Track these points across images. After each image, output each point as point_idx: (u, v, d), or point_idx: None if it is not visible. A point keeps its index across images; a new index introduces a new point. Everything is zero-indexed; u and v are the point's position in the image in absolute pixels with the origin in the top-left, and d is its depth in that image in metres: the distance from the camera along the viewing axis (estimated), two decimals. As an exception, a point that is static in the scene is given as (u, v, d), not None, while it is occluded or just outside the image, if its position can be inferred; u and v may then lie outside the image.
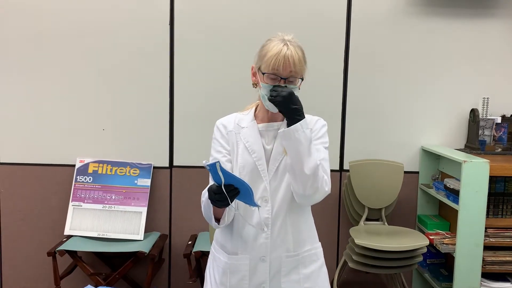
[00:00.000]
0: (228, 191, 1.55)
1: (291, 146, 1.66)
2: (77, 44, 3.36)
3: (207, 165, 1.50)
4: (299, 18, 3.36)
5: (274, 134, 1.80)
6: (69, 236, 3.27)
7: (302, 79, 1.76)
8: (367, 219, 3.39)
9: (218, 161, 1.50)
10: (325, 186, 1.72)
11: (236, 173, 1.78)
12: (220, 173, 1.51)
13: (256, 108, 1.87)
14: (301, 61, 1.72)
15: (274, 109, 1.74)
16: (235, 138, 1.82)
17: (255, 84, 1.80)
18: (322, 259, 1.89)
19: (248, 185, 1.56)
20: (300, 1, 3.37)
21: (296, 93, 1.72)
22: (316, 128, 1.82)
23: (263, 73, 1.73)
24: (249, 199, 1.60)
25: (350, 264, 3.11)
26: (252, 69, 1.81)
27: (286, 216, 1.78)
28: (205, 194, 1.75)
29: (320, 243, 1.91)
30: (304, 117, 1.68)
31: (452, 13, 3.41)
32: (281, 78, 1.71)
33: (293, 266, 1.79)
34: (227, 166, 1.79)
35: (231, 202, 1.58)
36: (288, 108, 1.66)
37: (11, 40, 3.36)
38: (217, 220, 1.74)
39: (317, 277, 1.84)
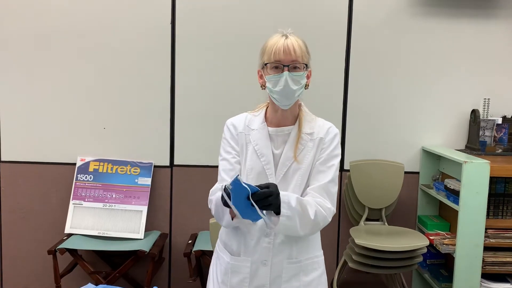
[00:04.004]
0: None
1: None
2: (78, 43, 3.37)
3: (231, 183, 1.49)
4: (300, 17, 3.36)
5: (284, 139, 1.79)
6: (70, 235, 3.27)
7: (307, 67, 1.75)
8: (367, 219, 3.40)
9: (238, 175, 1.49)
10: (329, 218, 1.73)
11: (243, 175, 1.78)
12: (245, 184, 1.49)
13: (266, 109, 1.86)
14: (302, 48, 1.72)
15: (282, 102, 1.74)
16: (244, 139, 1.81)
17: (263, 86, 1.79)
18: (323, 268, 1.88)
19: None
20: (302, 0, 3.37)
21: (303, 81, 1.73)
22: (327, 139, 1.80)
23: (266, 64, 1.73)
24: (253, 214, 1.57)
25: (350, 264, 3.11)
26: (258, 73, 1.81)
27: None
28: (214, 192, 1.75)
29: (322, 251, 1.90)
30: (279, 205, 1.59)
31: (453, 13, 3.41)
32: (284, 66, 1.70)
33: (294, 273, 1.79)
34: (236, 168, 1.80)
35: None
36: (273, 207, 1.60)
37: (12, 39, 3.36)
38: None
39: (316, 285, 1.84)
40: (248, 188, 1.50)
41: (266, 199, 1.54)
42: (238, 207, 1.54)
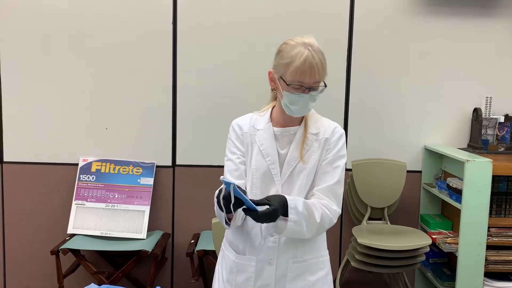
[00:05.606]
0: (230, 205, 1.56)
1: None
2: (80, 43, 3.37)
3: (223, 181, 1.51)
4: (302, 17, 3.36)
5: (289, 139, 1.79)
6: (72, 235, 3.28)
7: (325, 85, 1.73)
8: (369, 218, 3.39)
9: (234, 184, 1.50)
10: (334, 219, 1.74)
11: (249, 175, 1.79)
12: (232, 195, 1.52)
13: (272, 110, 1.85)
14: (324, 67, 1.70)
15: (295, 115, 1.73)
16: (250, 140, 1.81)
17: (274, 89, 1.77)
18: (328, 268, 1.88)
19: (255, 208, 1.56)
20: (303, 0, 3.37)
21: (317, 98, 1.71)
22: (333, 140, 1.79)
23: (287, 83, 1.68)
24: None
25: (353, 263, 3.11)
26: (269, 74, 1.76)
27: None
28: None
29: (328, 251, 1.90)
30: (287, 210, 1.62)
31: (455, 12, 3.41)
32: (306, 88, 1.68)
33: (300, 272, 1.79)
34: (241, 168, 1.80)
35: (227, 213, 1.61)
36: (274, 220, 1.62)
37: (14, 40, 3.36)
38: (228, 220, 1.73)
39: (322, 285, 1.83)
40: (232, 199, 1.53)
41: (259, 217, 1.57)
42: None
